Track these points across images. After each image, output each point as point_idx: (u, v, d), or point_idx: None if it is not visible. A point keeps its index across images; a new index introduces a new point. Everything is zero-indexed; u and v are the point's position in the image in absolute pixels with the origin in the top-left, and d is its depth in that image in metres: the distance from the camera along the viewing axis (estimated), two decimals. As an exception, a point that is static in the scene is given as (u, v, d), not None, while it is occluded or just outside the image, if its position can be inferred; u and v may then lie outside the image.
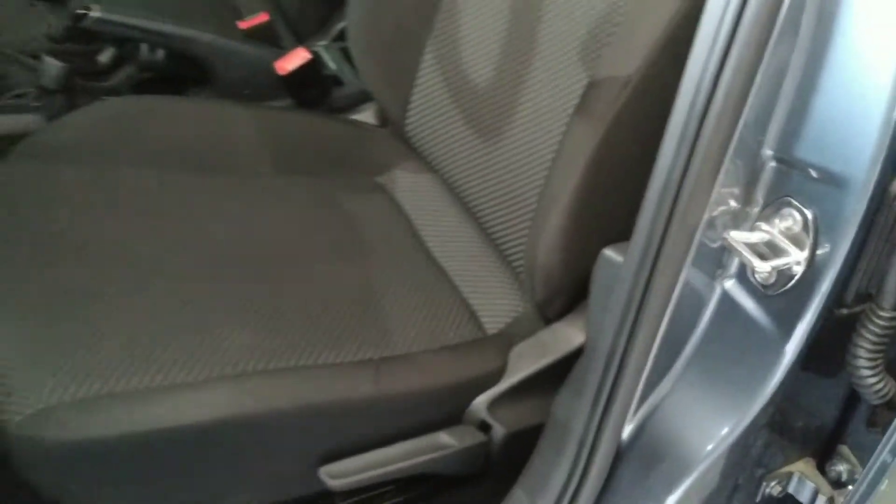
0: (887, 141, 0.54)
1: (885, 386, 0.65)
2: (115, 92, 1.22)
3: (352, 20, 1.15)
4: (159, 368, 0.76)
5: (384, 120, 1.25)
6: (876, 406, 0.68)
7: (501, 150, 0.96)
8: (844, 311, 0.63)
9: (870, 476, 0.57)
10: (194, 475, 0.76)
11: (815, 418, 0.73)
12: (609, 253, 0.70)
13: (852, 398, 0.72)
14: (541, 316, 0.90)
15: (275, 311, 0.86)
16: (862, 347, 0.64)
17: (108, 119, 1.09)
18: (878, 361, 0.65)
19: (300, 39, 1.38)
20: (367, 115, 1.28)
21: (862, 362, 0.64)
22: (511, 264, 0.98)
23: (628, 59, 0.74)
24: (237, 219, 0.99)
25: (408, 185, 1.14)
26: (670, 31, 0.73)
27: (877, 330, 0.63)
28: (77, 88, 1.16)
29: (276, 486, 0.84)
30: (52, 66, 1.12)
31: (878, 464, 0.56)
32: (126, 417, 0.73)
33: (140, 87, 1.25)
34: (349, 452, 0.81)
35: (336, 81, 1.31)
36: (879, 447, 0.57)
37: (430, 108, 1.08)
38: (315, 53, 1.31)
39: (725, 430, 0.66)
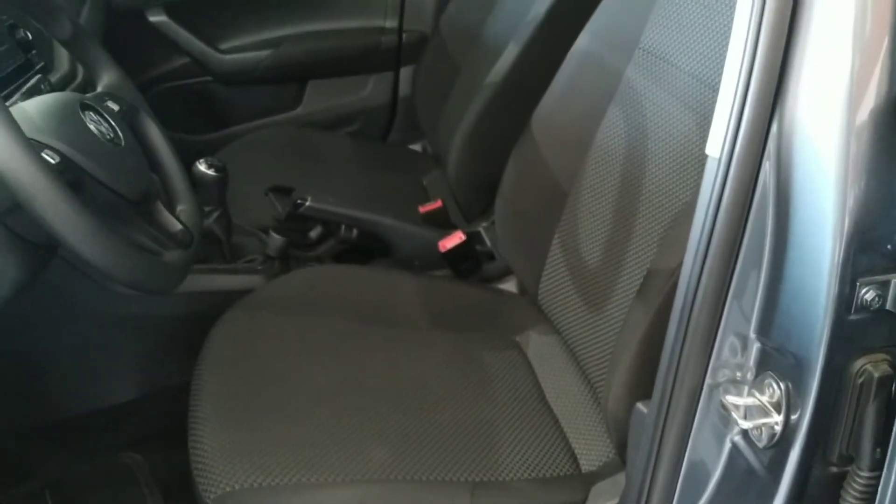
0: (827, 330, 0.70)
1: (872, 537, 0.77)
2: (319, 260, 1.58)
3: (498, 212, 1.44)
4: (315, 470, 1.02)
5: (524, 290, 1.50)
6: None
7: (601, 321, 1.17)
8: (834, 469, 0.77)
9: None
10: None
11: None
12: (639, 405, 0.88)
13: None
14: (621, 459, 1.08)
15: (407, 436, 1.10)
16: (848, 502, 0.77)
17: (313, 281, 1.43)
18: (865, 514, 0.77)
19: (468, 220, 1.70)
20: (510, 286, 1.54)
21: (850, 515, 0.77)
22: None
23: (676, 252, 0.94)
24: (395, 364, 1.27)
25: (537, 344, 1.37)
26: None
27: (858, 487, 0.75)
28: (292, 256, 1.52)
29: None
30: (276, 240, 1.49)
31: None
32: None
33: (338, 256, 1.60)
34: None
35: (490, 257, 1.60)
36: None
37: (555, 284, 1.32)
38: (476, 233, 1.61)
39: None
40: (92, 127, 0.98)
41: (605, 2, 1.29)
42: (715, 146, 0.74)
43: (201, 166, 1.38)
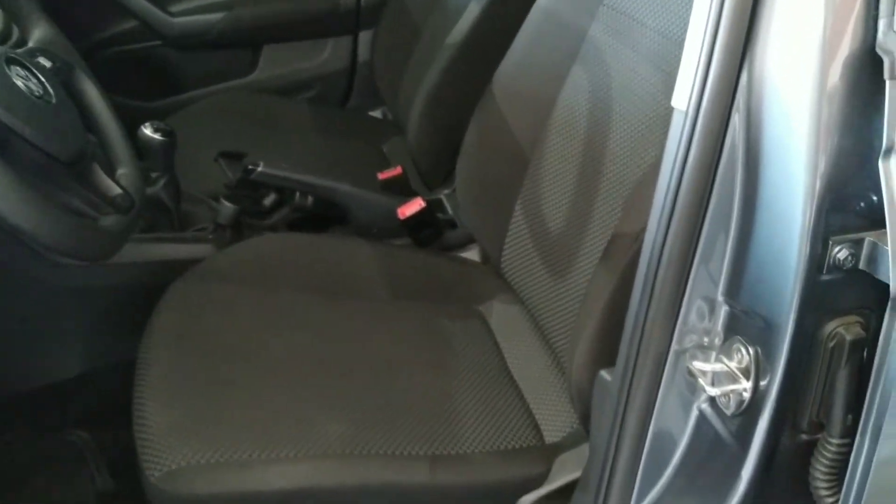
0: (798, 291, 0.67)
1: (841, 505, 0.74)
2: (273, 229, 1.52)
3: (460, 178, 1.39)
4: (266, 445, 0.98)
5: (487, 258, 1.46)
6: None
7: (565, 288, 1.14)
8: (804, 436, 0.74)
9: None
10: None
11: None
12: (603, 373, 0.85)
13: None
14: (585, 429, 1.04)
15: (364, 409, 1.06)
16: (818, 470, 0.74)
17: (266, 250, 1.38)
18: (835, 482, 0.74)
19: (429, 187, 1.65)
20: (473, 254, 1.50)
21: (820, 483, 0.74)
22: (572, 385, 1.13)
23: (641, 215, 0.90)
24: (353, 334, 1.22)
25: (500, 313, 1.33)
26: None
27: (829, 455, 0.73)
28: (244, 225, 1.46)
29: None
30: (227, 207, 1.43)
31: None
32: (235, 481, 0.96)
33: (293, 225, 1.55)
34: (405, 532, 0.98)
35: (452, 224, 1.55)
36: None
37: (518, 252, 1.28)
38: (437, 200, 1.56)
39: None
40: (19, 83, 0.91)
41: (567, -43, 1.24)
42: (681, 98, 0.69)
43: (147, 130, 1.31)
